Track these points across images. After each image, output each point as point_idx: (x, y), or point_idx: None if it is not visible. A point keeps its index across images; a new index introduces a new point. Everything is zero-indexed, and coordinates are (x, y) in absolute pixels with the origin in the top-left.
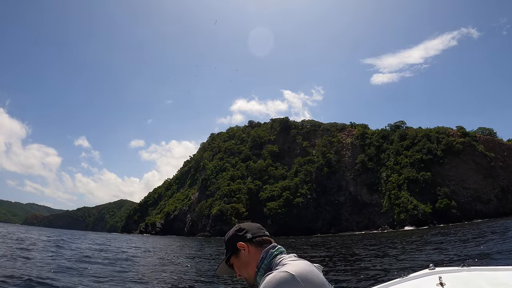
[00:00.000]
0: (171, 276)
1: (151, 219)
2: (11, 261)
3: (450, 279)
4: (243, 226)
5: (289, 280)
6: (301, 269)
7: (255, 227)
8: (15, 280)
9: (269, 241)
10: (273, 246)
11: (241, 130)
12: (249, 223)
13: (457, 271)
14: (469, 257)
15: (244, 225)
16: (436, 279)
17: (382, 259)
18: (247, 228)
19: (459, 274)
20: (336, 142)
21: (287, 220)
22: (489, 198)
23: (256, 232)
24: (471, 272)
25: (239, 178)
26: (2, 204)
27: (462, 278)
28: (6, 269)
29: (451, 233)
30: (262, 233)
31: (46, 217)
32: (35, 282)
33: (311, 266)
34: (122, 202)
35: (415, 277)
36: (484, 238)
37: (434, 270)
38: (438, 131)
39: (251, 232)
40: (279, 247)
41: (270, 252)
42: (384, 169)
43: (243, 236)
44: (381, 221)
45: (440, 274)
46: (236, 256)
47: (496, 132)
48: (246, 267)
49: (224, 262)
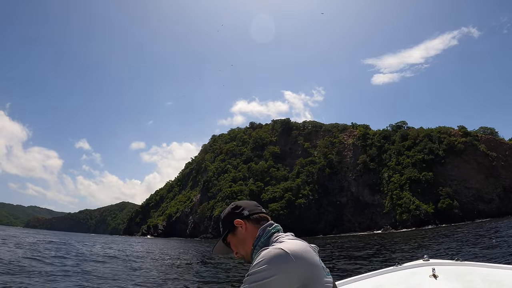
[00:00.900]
0: (181, 279)
1: (153, 221)
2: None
3: (443, 272)
4: (240, 203)
5: (283, 256)
6: (296, 247)
7: (251, 204)
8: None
9: (266, 218)
10: (270, 224)
11: (242, 132)
12: (245, 201)
13: (451, 264)
14: (466, 252)
15: (240, 203)
16: (429, 270)
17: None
18: (243, 206)
19: (453, 268)
20: (337, 143)
21: (289, 221)
22: (491, 197)
23: (253, 209)
24: (465, 267)
25: (241, 180)
26: (4, 207)
27: (456, 272)
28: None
29: (452, 234)
30: (259, 210)
31: (48, 220)
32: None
33: (306, 246)
34: (124, 204)
35: (408, 266)
36: (485, 238)
37: (428, 261)
38: (440, 131)
39: (248, 209)
40: (276, 225)
41: (267, 230)
42: (386, 169)
43: (239, 213)
44: (383, 222)
45: (434, 266)
46: (233, 234)
47: (497, 132)
48: (243, 244)
49: (221, 241)
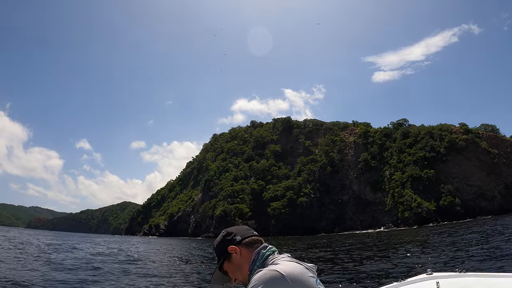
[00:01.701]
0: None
1: (155, 220)
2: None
3: (448, 285)
4: (230, 230)
5: (278, 279)
6: (292, 268)
7: (242, 229)
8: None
9: (259, 241)
10: (263, 246)
11: (243, 131)
12: (235, 227)
13: (455, 276)
14: (469, 259)
15: (231, 229)
16: (433, 284)
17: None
18: (234, 231)
19: (457, 280)
20: (338, 141)
21: (291, 220)
22: (493, 194)
23: (245, 234)
24: (469, 278)
25: (242, 179)
26: (5, 208)
27: (460, 284)
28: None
29: (455, 232)
30: (251, 234)
31: (50, 220)
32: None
33: (303, 268)
34: (125, 204)
35: (412, 281)
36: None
37: (432, 275)
38: (441, 128)
39: (239, 234)
40: (270, 247)
41: (261, 253)
42: (387, 167)
43: (232, 239)
44: (385, 220)
45: (438, 279)
46: (229, 261)
47: (498, 129)
48: (240, 270)
49: (218, 270)
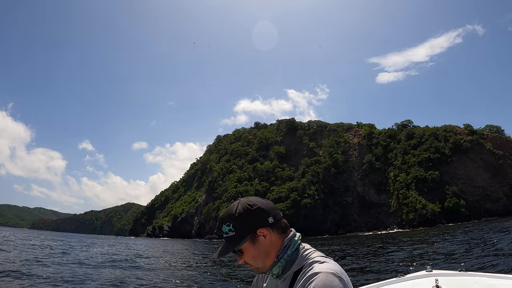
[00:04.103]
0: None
1: (159, 222)
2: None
3: (447, 283)
4: (258, 203)
5: (344, 283)
6: (341, 270)
7: (271, 206)
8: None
9: (287, 224)
10: (294, 233)
11: (247, 132)
12: (259, 199)
13: (454, 275)
14: (470, 259)
15: (257, 202)
16: (432, 281)
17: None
18: (264, 207)
19: (456, 279)
20: (343, 142)
21: (295, 221)
22: (498, 196)
23: (277, 215)
24: (468, 277)
25: (246, 180)
26: (10, 209)
27: (459, 283)
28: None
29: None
30: (281, 216)
31: (54, 221)
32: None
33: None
34: (129, 205)
35: (411, 278)
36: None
37: (431, 272)
38: (446, 129)
39: (272, 214)
40: (299, 235)
41: (293, 240)
42: (392, 168)
43: (264, 220)
44: (390, 221)
45: (437, 277)
46: (253, 242)
47: (504, 130)
48: (266, 256)
49: (229, 248)
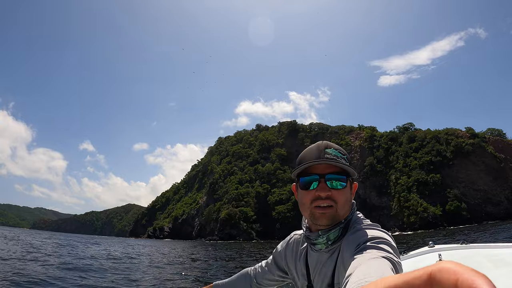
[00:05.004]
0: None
1: (159, 223)
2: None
3: (450, 256)
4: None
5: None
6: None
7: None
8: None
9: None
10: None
11: (248, 134)
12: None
13: (457, 248)
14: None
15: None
16: (435, 256)
17: None
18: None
19: (459, 252)
20: (344, 145)
21: (296, 223)
22: (499, 199)
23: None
24: (471, 250)
25: (247, 182)
26: (11, 208)
27: (462, 255)
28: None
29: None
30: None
31: (54, 221)
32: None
33: None
34: (130, 206)
35: (415, 254)
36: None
37: (434, 247)
38: (447, 132)
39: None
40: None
41: (355, 208)
42: (393, 171)
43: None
44: (391, 224)
45: (440, 251)
46: (350, 187)
47: (505, 133)
48: (346, 204)
49: (347, 167)
